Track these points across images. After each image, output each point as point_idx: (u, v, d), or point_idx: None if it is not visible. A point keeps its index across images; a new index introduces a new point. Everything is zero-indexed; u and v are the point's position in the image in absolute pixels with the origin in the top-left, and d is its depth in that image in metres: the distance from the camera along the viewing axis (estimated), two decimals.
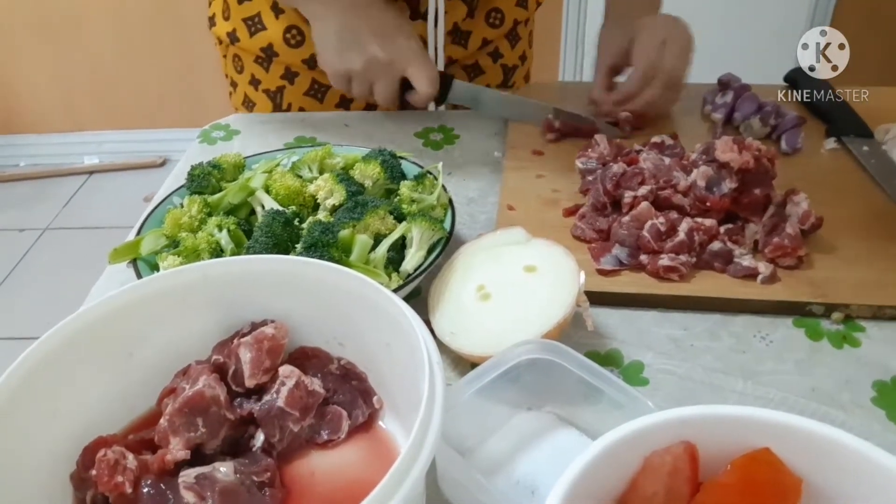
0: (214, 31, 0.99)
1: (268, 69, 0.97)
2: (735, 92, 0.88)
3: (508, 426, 0.50)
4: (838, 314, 0.60)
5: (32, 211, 2.60)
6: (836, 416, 0.52)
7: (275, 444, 0.45)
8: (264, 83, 0.98)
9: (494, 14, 0.98)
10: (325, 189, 0.65)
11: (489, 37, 0.99)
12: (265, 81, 0.98)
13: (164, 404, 0.44)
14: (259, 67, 0.97)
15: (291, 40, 0.93)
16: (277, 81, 0.98)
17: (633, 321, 0.61)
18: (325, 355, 0.49)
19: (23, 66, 2.69)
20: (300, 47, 0.93)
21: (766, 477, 0.34)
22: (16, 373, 0.40)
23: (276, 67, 0.97)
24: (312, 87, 0.97)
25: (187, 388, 0.44)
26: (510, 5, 0.99)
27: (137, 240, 0.63)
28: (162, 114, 2.79)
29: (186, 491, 0.39)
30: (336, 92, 0.97)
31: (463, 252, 0.62)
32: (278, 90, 0.98)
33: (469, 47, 0.98)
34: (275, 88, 0.98)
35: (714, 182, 0.67)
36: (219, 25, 0.98)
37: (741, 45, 2.26)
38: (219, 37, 0.98)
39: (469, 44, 0.98)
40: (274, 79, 0.97)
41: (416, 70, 0.82)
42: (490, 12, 0.98)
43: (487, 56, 1.02)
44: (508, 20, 0.99)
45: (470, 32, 0.97)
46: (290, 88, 0.98)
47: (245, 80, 1.00)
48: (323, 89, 0.97)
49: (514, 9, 1.00)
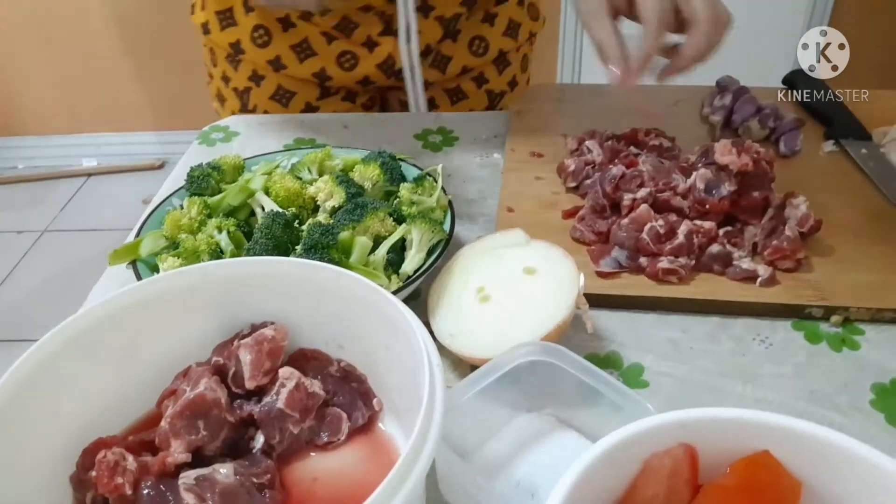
0: (193, 18, 0.99)
1: (236, 68, 0.97)
2: (733, 94, 0.88)
3: (508, 428, 0.50)
4: (837, 317, 0.60)
5: (31, 213, 2.59)
6: (835, 419, 0.52)
7: (275, 445, 0.45)
8: (233, 81, 0.99)
9: (478, 42, 0.96)
10: (324, 191, 0.66)
11: (471, 65, 0.98)
12: (234, 80, 0.98)
13: (165, 406, 0.44)
14: (229, 66, 0.98)
15: (258, 39, 0.93)
16: (245, 82, 0.98)
17: (632, 324, 0.61)
18: (324, 357, 0.49)
19: (21, 68, 2.68)
20: (265, 48, 0.93)
21: (765, 480, 0.34)
22: (16, 374, 0.40)
23: (244, 67, 0.97)
24: (278, 92, 0.97)
25: (188, 390, 0.44)
26: (496, 35, 0.97)
27: (137, 241, 0.63)
28: (161, 116, 2.79)
29: (186, 492, 0.39)
30: (301, 98, 0.98)
31: (462, 254, 0.62)
32: (245, 90, 0.98)
33: (448, 72, 0.97)
34: (242, 88, 0.98)
35: (713, 185, 0.67)
36: (196, 14, 0.98)
37: (739, 47, 2.27)
38: (197, 25, 0.98)
39: (448, 69, 0.97)
40: (242, 79, 0.98)
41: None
42: (473, 40, 0.96)
43: (471, 81, 1.00)
44: (493, 49, 0.98)
45: (450, 58, 0.96)
46: (256, 90, 0.98)
47: (218, 74, 1.01)
48: (288, 95, 0.97)
49: (501, 38, 0.98)
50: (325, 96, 0.98)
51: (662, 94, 0.94)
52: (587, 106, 0.94)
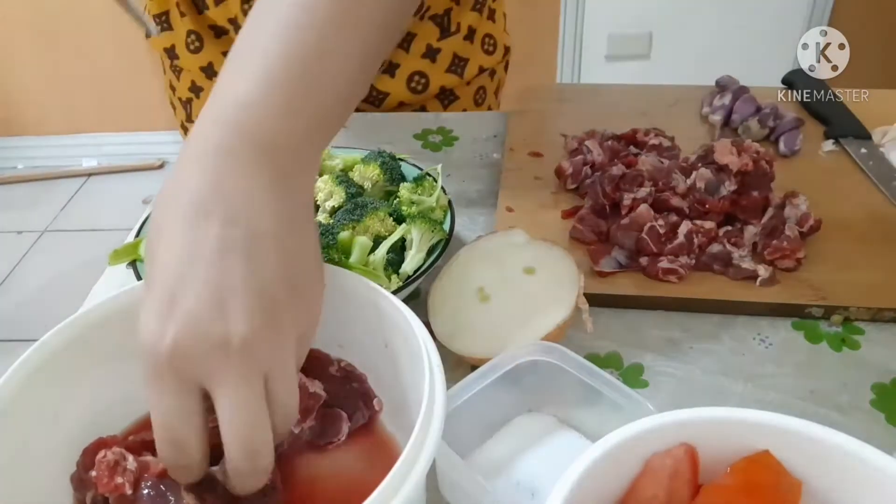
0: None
1: (178, 77, 0.96)
2: (733, 94, 0.88)
3: (508, 428, 0.50)
4: (837, 316, 0.60)
5: (31, 213, 2.59)
6: (836, 419, 0.52)
7: (275, 445, 0.45)
8: (178, 91, 0.98)
9: (417, 78, 0.94)
10: (324, 191, 0.66)
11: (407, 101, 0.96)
12: (178, 90, 0.98)
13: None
14: (173, 75, 0.97)
15: (191, 45, 0.91)
16: (186, 93, 0.97)
17: (632, 323, 0.61)
18: (324, 357, 0.49)
19: (21, 68, 2.68)
20: (198, 54, 0.92)
21: (765, 479, 0.34)
22: (15, 374, 0.40)
23: (185, 77, 0.96)
24: None
25: None
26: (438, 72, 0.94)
27: (137, 241, 0.63)
28: (160, 116, 2.78)
29: (186, 492, 0.39)
30: None
31: (462, 254, 0.62)
32: (188, 101, 0.97)
33: (383, 106, 0.95)
34: (185, 99, 0.97)
35: (713, 184, 0.67)
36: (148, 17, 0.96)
37: (739, 47, 2.27)
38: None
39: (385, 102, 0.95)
40: (184, 89, 0.97)
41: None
42: (413, 76, 0.94)
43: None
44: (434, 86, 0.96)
45: (387, 94, 0.94)
46: (196, 102, 0.97)
47: (166, 82, 1.00)
48: None
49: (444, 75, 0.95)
50: None
51: (662, 94, 0.94)
52: (587, 106, 0.94)
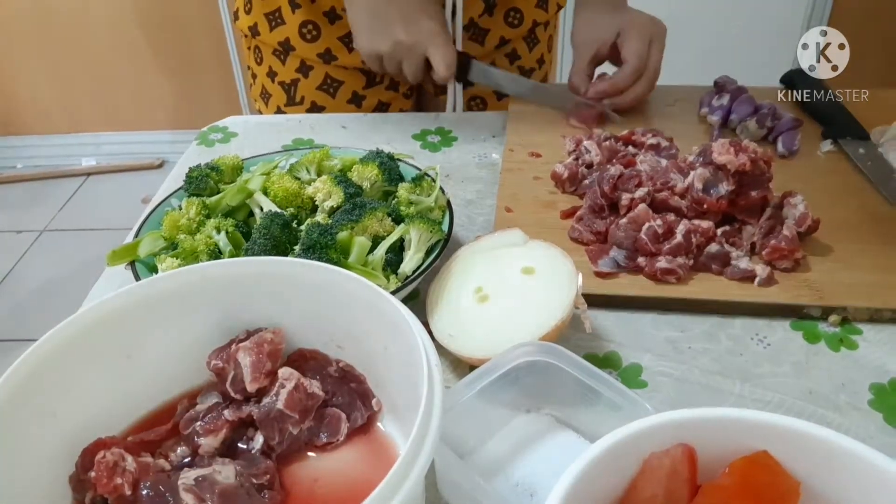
0: (238, 24, 1.03)
1: (284, 61, 1.00)
2: (731, 94, 0.88)
3: (507, 428, 0.50)
4: (835, 317, 0.60)
5: (30, 212, 2.59)
6: (834, 419, 0.52)
7: (274, 446, 0.45)
8: (280, 75, 1.01)
9: (513, 14, 1.00)
10: (323, 191, 0.66)
11: (507, 36, 1.01)
12: (281, 73, 1.01)
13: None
14: (276, 60, 1.01)
15: (307, 35, 0.96)
16: (292, 74, 1.01)
17: (630, 323, 0.61)
18: (323, 357, 0.49)
19: (21, 67, 2.68)
20: (315, 42, 0.97)
21: (764, 479, 0.34)
22: (14, 375, 0.40)
23: (291, 60, 1.00)
24: (325, 82, 1.00)
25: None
26: (529, 6, 1.01)
27: (136, 242, 0.63)
28: (160, 116, 2.79)
29: (186, 493, 0.39)
30: (348, 87, 1.00)
31: (461, 254, 0.62)
32: (293, 83, 1.01)
33: (486, 45, 1.00)
34: (289, 81, 1.01)
35: (711, 184, 0.67)
36: (241, 19, 1.02)
37: (737, 47, 2.27)
38: (242, 30, 1.02)
39: (486, 41, 1.00)
40: (290, 71, 1.01)
41: (434, 52, 0.85)
42: (509, 11, 1.00)
43: (504, 57, 1.04)
44: (527, 20, 1.01)
45: (488, 30, 0.99)
46: (304, 82, 1.01)
47: (263, 71, 1.04)
48: (336, 84, 1.00)
49: (534, 10, 1.01)
50: (371, 85, 1.01)
51: (660, 94, 0.94)
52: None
